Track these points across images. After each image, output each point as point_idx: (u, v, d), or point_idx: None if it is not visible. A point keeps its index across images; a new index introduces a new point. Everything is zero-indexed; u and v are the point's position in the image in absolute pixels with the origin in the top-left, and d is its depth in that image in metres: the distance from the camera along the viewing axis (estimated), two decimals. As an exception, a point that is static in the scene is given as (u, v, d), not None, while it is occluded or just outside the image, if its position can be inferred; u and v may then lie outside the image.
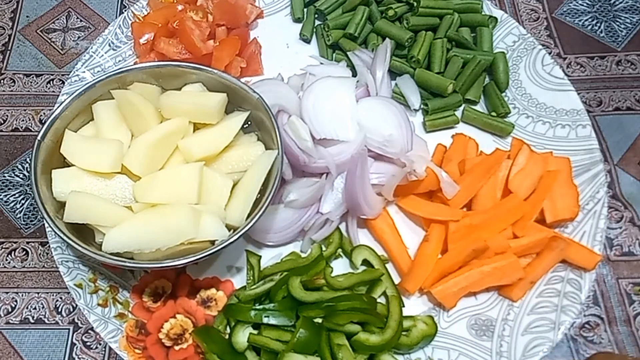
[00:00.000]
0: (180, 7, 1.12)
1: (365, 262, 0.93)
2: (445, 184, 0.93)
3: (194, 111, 0.90)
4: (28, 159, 1.11)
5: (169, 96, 0.93)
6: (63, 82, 1.19)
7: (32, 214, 1.07)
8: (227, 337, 0.87)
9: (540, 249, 0.91)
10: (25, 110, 1.17)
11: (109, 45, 1.13)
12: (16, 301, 0.99)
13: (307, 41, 1.16)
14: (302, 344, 0.82)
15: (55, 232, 0.81)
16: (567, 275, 0.91)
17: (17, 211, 1.07)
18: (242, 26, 1.14)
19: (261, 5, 1.19)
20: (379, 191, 0.95)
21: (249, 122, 0.95)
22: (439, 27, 1.10)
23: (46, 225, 0.97)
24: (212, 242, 0.83)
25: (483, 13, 1.13)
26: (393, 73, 1.10)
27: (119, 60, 1.12)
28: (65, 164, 0.89)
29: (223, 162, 0.91)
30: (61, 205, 0.85)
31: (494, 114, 1.06)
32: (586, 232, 0.94)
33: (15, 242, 1.04)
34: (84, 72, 1.10)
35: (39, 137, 0.87)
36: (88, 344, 0.95)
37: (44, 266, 1.02)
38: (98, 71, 1.10)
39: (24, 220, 1.06)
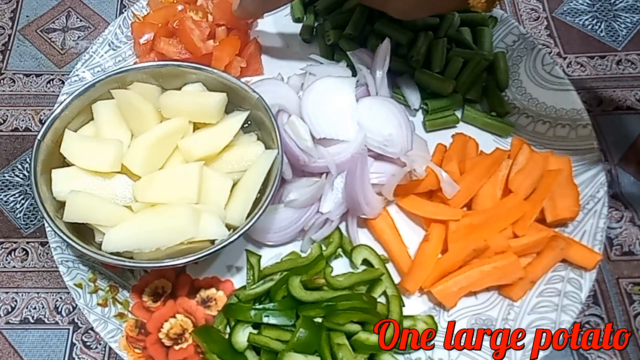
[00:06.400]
0: (180, 7, 1.11)
1: (365, 261, 0.93)
2: (445, 184, 0.93)
3: (194, 111, 0.90)
4: (28, 159, 1.11)
5: (169, 96, 0.93)
6: (63, 82, 1.19)
7: (32, 214, 1.06)
8: (227, 336, 0.87)
9: (540, 248, 0.91)
10: (25, 110, 1.17)
11: (109, 45, 1.13)
12: (16, 301, 0.99)
13: (307, 41, 1.16)
14: (302, 344, 0.82)
15: (55, 232, 0.81)
16: (568, 274, 0.91)
17: (17, 211, 1.07)
18: (242, 26, 1.14)
19: (261, 5, 1.19)
20: (379, 191, 0.95)
21: (249, 122, 0.95)
22: (439, 27, 1.09)
23: (46, 225, 0.96)
24: (212, 242, 0.83)
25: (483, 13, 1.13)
26: (393, 73, 1.09)
27: (119, 60, 1.12)
28: (65, 163, 0.89)
29: (223, 161, 0.91)
30: (61, 205, 0.85)
31: (494, 113, 1.06)
32: (586, 231, 0.94)
33: (15, 242, 1.04)
34: (84, 72, 1.10)
35: (38, 137, 0.87)
36: (88, 343, 0.95)
37: (43, 266, 1.02)
38: (98, 71, 1.10)
39: (23, 220, 1.06)
